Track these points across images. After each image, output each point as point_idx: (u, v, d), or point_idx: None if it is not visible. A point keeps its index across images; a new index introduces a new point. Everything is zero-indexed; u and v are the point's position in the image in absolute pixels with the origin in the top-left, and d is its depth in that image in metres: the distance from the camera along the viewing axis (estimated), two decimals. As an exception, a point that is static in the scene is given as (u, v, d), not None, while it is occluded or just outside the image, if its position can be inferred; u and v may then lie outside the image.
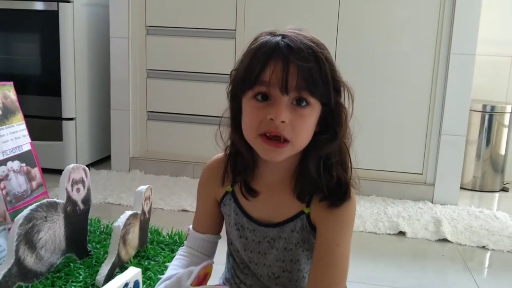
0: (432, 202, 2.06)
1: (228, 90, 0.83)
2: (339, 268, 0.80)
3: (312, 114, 0.77)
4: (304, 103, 0.76)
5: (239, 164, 0.86)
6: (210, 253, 0.96)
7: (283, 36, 0.76)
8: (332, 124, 0.79)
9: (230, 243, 0.94)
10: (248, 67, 0.77)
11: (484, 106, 2.30)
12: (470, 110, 2.13)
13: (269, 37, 0.77)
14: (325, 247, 0.81)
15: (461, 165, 2.06)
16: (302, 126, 0.76)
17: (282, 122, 0.74)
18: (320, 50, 0.76)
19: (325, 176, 0.80)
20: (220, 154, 0.92)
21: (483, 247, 1.64)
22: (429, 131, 2.07)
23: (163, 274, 0.93)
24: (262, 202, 0.86)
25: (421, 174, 2.11)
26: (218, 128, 0.86)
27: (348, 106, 0.81)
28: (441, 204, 2.04)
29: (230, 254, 0.95)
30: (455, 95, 2.01)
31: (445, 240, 1.68)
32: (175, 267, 0.92)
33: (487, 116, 2.31)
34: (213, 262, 0.94)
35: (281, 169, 0.84)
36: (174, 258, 0.96)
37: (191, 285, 0.82)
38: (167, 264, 1.16)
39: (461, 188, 2.17)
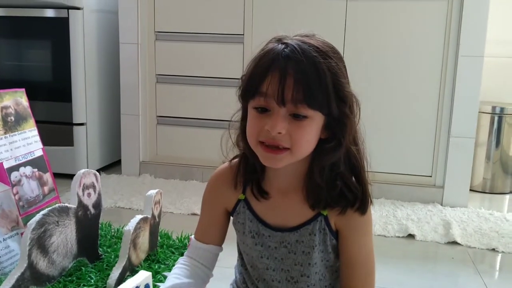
0: (441, 205, 2.05)
1: (238, 94, 0.83)
2: (368, 267, 0.86)
3: (311, 124, 0.76)
4: (301, 117, 0.75)
5: (250, 166, 0.86)
6: (210, 265, 0.94)
7: (286, 46, 0.75)
8: (337, 133, 0.79)
9: (242, 257, 0.92)
10: (250, 77, 0.78)
11: (494, 107, 2.30)
12: (480, 112, 2.12)
13: (275, 44, 0.77)
14: (351, 249, 0.85)
15: (471, 167, 2.05)
16: (301, 136, 0.76)
17: (279, 133, 0.74)
18: (322, 60, 0.74)
19: (331, 184, 0.80)
20: (225, 163, 0.92)
21: (493, 249, 1.63)
22: (438, 133, 2.07)
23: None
24: (275, 208, 0.85)
25: (430, 176, 2.11)
26: (228, 132, 0.86)
27: (356, 114, 0.79)
28: (451, 207, 2.03)
29: (243, 267, 0.93)
30: (464, 97, 2.00)
31: (454, 242, 1.67)
32: (177, 275, 0.90)
33: (496, 118, 2.30)
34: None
35: (289, 175, 0.84)
36: (175, 267, 0.93)
37: None
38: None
39: (470, 190, 2.16)
